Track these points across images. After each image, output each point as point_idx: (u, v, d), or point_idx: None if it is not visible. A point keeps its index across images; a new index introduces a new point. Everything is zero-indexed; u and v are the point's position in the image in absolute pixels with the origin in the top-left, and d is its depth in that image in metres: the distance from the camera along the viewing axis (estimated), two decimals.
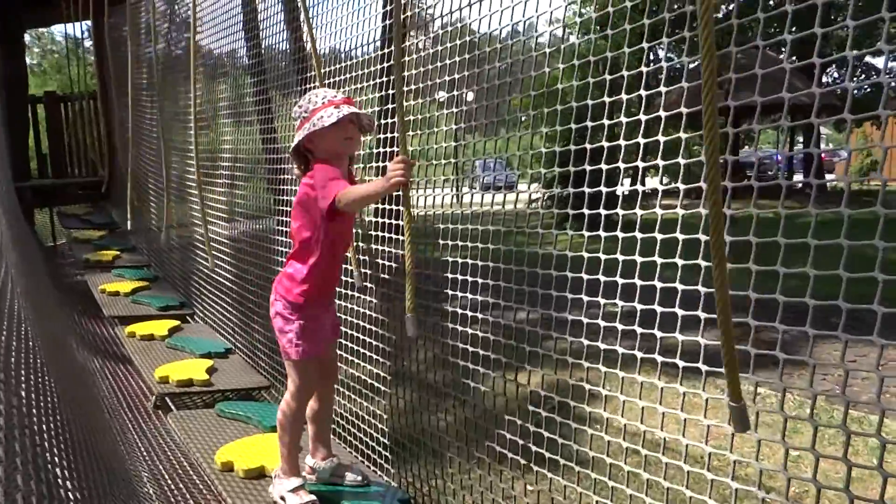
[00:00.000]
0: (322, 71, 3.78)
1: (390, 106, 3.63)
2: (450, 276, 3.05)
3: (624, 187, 2.64)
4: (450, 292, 3.00)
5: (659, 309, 2.08)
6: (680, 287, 2.00)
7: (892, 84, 1.71)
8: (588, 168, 2.46)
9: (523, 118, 3.25)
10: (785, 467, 1.71)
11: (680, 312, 2.04)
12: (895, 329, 1.56)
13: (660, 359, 2.06)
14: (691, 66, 2.14)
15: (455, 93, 3.71)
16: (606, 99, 2.41)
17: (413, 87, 3.43)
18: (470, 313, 2.92)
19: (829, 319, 1.63)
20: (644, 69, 2.39)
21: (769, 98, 1.88)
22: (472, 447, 2.86)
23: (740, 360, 1.73)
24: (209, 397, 4.06)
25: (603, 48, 2.60)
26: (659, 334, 2.06)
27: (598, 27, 2.71)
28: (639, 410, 2.15)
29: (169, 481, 3.23)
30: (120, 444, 3.50)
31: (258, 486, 2.79)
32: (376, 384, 3.43)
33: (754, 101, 1.95)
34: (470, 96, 3.30)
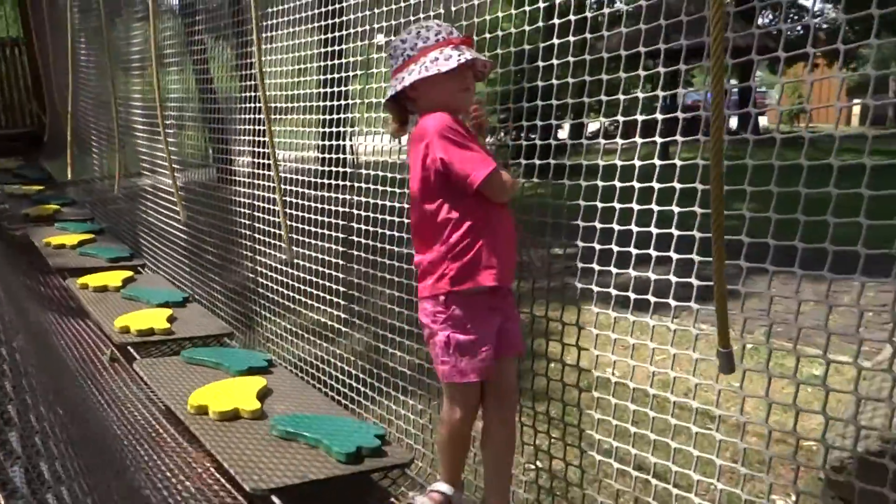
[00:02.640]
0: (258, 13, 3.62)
1: (333, 49, 3.64)
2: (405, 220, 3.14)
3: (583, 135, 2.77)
4: (401, 235, 3.05)
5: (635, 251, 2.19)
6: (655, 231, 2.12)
7: (822, 26, 1.87)
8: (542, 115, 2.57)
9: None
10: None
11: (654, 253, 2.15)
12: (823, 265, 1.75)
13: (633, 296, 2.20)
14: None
15: (393, 38, 3.74)
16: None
17: (352, 30, 3.46)
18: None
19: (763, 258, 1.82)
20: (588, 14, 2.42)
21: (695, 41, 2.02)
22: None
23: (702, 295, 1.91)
24: (174, 345, 4.11)
25: None
26: (614, 270, 2.22)
27: None
28: (610, 345, 2.26)
29: (140, 429, 3.30)
30: (89, 396, 3.54)
31: (232, 428, 2.88)
32: (338, 326, 3.53)
33: (702, 42, 2.07)
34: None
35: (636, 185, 2.16)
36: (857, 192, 1.63)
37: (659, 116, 2.14)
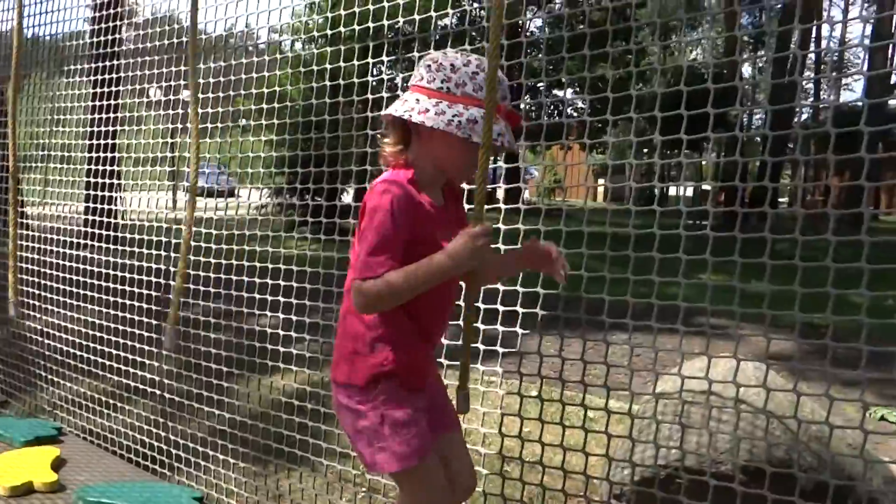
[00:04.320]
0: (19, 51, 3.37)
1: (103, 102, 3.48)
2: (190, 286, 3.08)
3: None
4: (191, 301, 2.99)
5: None
6: None
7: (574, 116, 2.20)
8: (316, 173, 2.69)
9: (243, 122, 3.33)
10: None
11: None
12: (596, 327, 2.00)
13: None
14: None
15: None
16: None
17: (123, 87, 3.34)
18: (213, 320, 2.97)
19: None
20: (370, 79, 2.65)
21: None
22: (245, 445, 2.92)
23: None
24: None
25: (326, 56, 2.78)
26: None
27: (324, 38, 2.89)
28: None
29: None
30: None
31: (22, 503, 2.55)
32: (126, 394, 3.36)
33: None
34: (185, 94, 3.27)
35: None
36: (602, 254, 1.90)
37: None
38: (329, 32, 2.75)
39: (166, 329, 2.68)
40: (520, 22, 2.35)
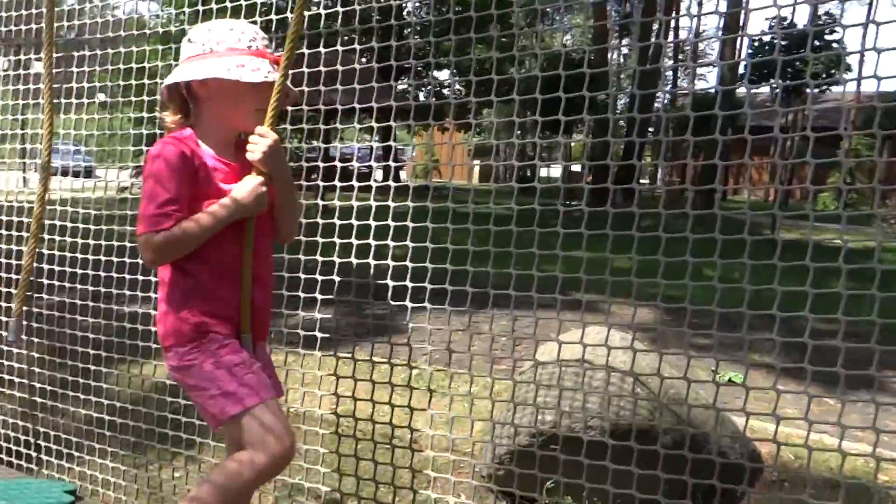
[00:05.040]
0: None
1: None
2: (46, 267, 2.92)
3: None
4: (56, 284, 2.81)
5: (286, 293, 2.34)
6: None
7: (454, 96, 2.27)
8: None
9: (101, 97, 3.15)
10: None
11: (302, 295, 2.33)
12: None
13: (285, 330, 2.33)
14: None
15: (22, 57, 3.39)
16: None
17: None
18: (81, 303, 2.81)
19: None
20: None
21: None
22: (121, 435, 2.79)
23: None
24: None
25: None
26: (285, 312, 2.33)
27: (194, 12, 2.77)
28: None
29: None
30: None
31: None
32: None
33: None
34: (38, 65, 3.06)
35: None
36: (486, 236, 1.98)
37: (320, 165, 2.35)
38: (201, 8, 2.64)
39: (10, 321, 2.46)
40: (393, 5, 2.39)
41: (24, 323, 2.73)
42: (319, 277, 2.30)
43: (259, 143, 1.67)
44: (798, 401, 3.46)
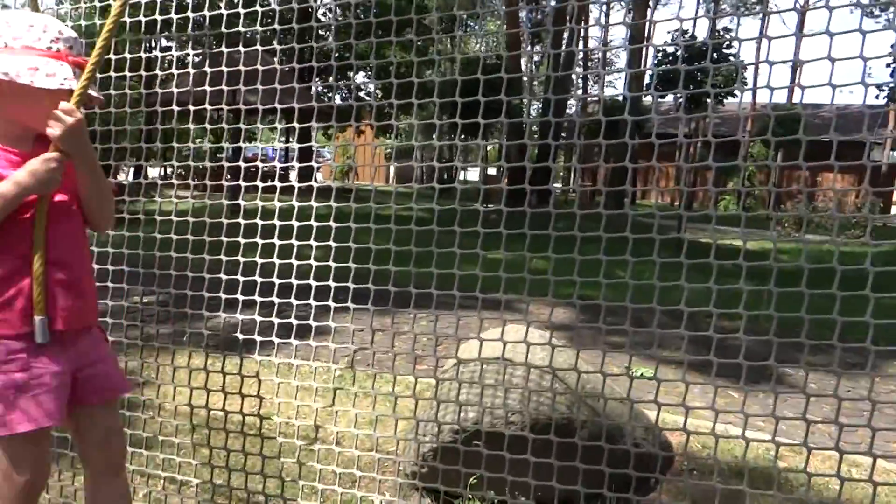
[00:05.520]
0: None
1: None
2: None
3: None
4: None
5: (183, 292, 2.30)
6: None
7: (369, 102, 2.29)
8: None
9: None
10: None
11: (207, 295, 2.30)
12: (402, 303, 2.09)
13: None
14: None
15: None
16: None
17: None
18: None
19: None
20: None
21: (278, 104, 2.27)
22: None
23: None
24: None
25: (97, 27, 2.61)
26: (206, 314, 2.28)
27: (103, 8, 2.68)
28: (187, 393, 2.32)
29: None
30: None
31: None
32: None
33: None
34: None
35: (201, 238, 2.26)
36: (409, 231, 2.02)
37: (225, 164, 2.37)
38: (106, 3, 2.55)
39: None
40: (311, 6, 2.39)
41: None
42: (241, 278, 2.27)
43: (61, 120, 1.57)
44: (705, 394, 3.66)
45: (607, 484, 2.05)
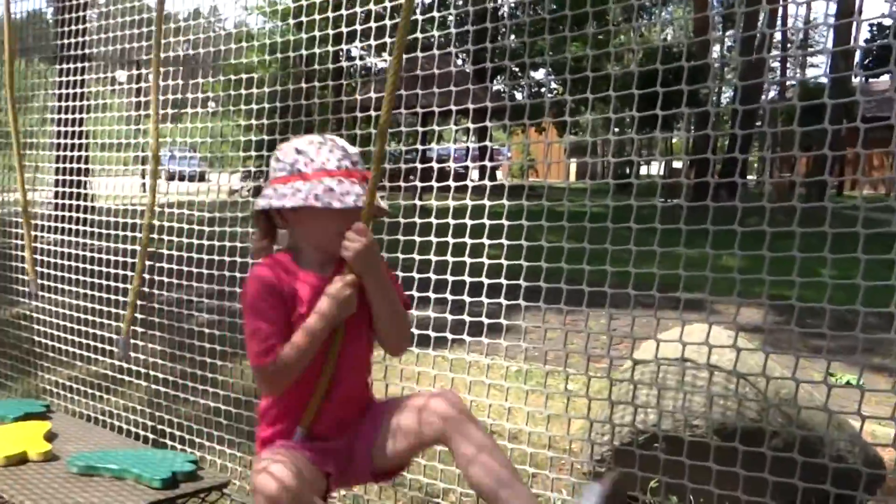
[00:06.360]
0: None
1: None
2: (165, 266, 3.15)
3: None
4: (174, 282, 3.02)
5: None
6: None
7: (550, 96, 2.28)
8: None
9: (212, 105, 3.36)
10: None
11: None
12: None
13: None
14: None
15: (143, 71, 3.64)
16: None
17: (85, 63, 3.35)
18: (196, 300, 3.03)
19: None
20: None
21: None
22: (233, 425, 2.97)
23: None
24: None
25: (299, 41, 2.80)
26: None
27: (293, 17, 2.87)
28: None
29: None
30: None
31: (20, 471, 2.58)
32: (124, 378, 3.41)
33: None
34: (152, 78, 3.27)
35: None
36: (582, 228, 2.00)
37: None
38: (304, 19, 2.75)
39: (119, 338, 2.66)
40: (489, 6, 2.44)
41: (133, 341, 2.97)
42: (416, 276, 2.37)
43: (354, 241, 1.60)
44: None
45: (800, 499, 1.89)
